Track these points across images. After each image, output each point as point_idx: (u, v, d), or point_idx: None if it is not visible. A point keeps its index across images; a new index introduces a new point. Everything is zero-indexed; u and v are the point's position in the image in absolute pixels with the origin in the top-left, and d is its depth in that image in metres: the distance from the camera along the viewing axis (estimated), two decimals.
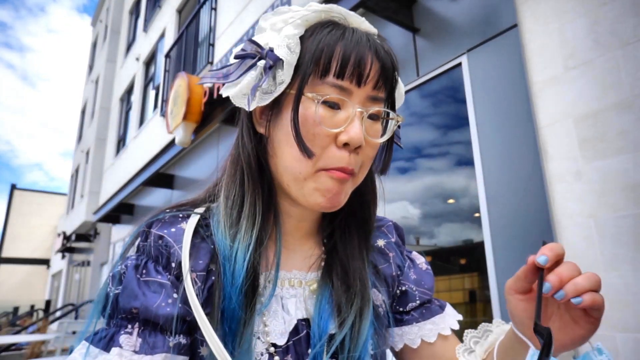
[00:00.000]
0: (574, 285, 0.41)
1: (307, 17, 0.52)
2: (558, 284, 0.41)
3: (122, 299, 0.47)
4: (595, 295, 0.41)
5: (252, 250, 0.50)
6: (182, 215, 0.54)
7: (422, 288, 0.65)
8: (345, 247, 0.59)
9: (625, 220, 1.92)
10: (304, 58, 0.50)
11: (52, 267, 23.88)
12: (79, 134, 18.60)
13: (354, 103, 0.50)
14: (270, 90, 0.51)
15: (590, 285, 0.42)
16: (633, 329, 1.84)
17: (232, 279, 0.48)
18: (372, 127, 0.53)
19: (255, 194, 0.54)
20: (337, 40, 0.50)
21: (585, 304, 0.41)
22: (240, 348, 0.46)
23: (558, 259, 0.43)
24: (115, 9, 14.67)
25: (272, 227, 0.56)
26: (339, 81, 0.49)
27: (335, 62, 0.49)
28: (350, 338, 0.52)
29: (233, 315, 0.47)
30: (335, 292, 0.55)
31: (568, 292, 0.41)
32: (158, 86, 8.66)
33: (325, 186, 0.51)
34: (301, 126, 0.49)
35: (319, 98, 0.49)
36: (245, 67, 0.52)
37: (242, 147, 0.57)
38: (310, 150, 0.49)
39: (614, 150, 2.01)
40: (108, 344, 0.45)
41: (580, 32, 2.21)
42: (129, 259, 0.50)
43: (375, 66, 0.51)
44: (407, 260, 0.68)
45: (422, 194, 3.30)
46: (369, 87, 0.51)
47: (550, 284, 0.42)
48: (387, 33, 3.48)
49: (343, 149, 0.50)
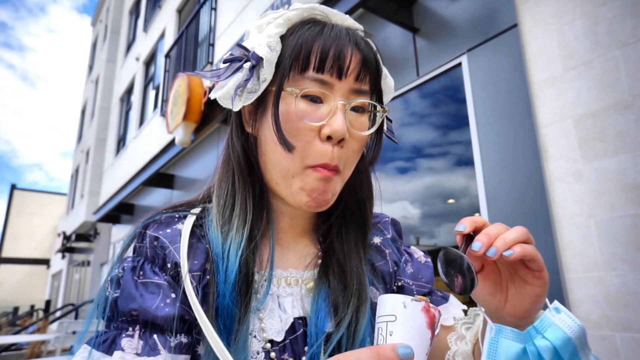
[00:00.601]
0: (502, 240, 0.42)
1: (289, 16, 0.53)
2: (487, 241, 0.42)
3: (121, 301, 0.47)
4: (524, 246, 0.42)
5: (244, 247, 0.51)
6: (178, 216, 0.55)
7: (420, 282, 0.64)
8: (342, 246, 0.59)
9: (624, 220, 1.93)
10: (284, 55, 0.51)
11: (52, 267, 23.88)
12: (79, 134, 18.60)
13: (335, 96, 0.51)
14: (255, 90, 0.52)
15: (517, 236, 0.42)
16: (633, 328, 1.85)
17: (225, 276, 0.49)
18: (357, 120, 0.53)
19: (246, 193, 0.55)
20: (316, 35, 0.51)
21: (517, 255, 0.41)
22: (236, 344, 0.47)
23: (477, 225, 0.45)
24: (115, 9, 14.66)
25: (264, 225, 0.57)
26: (319, 75, 0.50)
27: (314, 57, 0.50)
28: (347, 337, 0.52)
29: (227, 312, 0.47)
30: (332, 291, 0.55)
31: (498, 247, 0.42)
32: (158, 86, 8.66)
33: (311, 186, 0.51)
34: (284, 122, 0.50)
35: (298, 92, 0.49)
36: (232, 69, 0.53)
37: (232, 148, 0.58)
38: (290, 144, 0.50)
39: (613, 150, 2.01)
40: (110, 347, 0.45)
41: (580, 32, 2.21)
42: (125, 261, 0.51)
43: (355, 58, 0.51)
44: (405, 254, 0.68)
45: (422, 193, 3.30)
46: (351, 79, 0.51)
47: (480, 242, 0.42)
48: (387, 33, 3.48)
49: (327, 143, 0.50)
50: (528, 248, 0.42)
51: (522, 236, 0.43)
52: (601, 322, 1.94)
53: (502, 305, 0.47)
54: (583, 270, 2.03)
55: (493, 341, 0.43)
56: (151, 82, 9.77)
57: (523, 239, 0.42)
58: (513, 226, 0.44)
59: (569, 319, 0.42)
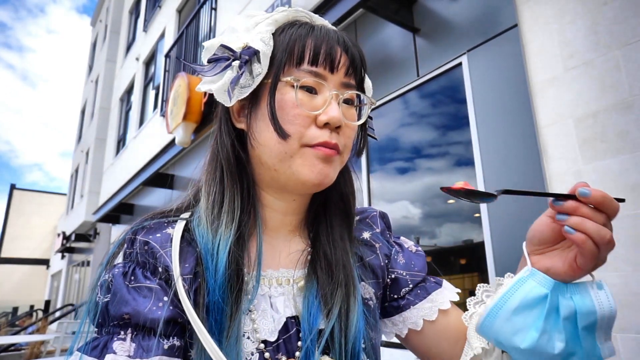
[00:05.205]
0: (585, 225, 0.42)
1: (277, 17, 0.57)
2: (577, 226, 0.43)
3: (112, 306, 0.47)
4: (587, 241, 0.42)
5: (233, 243, 0.52)
6: (167, 221, 0.55)
7: (412, 271, 0.65)
8: (328, 240, 0.60)
9: (625, 221, 1.92)
10: (278, 50, 0.54)
11: (51, 267, 23.88)
12: (78, 134, 18.60)
13: (329, 87, 0.54)
14: (248, 84, 0.54)
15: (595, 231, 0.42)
16: (634, 329, 1.85)
17: (214, 272, 0.49)
18: (348, 111, 0.56)
19: (234, 189, 0.57)
20: (308, 33, 0.55)
21: (576, 240, 0.42)
22: (227, 342, 0.47)
23: (593, 200, 0.43)
24: (115, 9, 14.66)
25: (252, 222, 0.57)
26: (314, 67, 0.54)
27: (309, 52, 0.54)
28: (339, 330, 0.52)
29: (218, 307, 0.48)
30: (321, 286, 0.56)
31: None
32: (158, 86, 8.66)
33: (311, 161, 0.53)
34: (280, 110, 0.53)
35: (297, 81, 0.53)
36: (220, 68, 0.55)
37: (221, 145, 0.59)
38: (285, 131, 0.52)
39: (613, 150, 2.01)
40: (102, 352, 0.45)
41: (580, 32, 2.21)
42: (115, 267, 0.51)
43: (344, 55, 0.56)
44: (395, 246, 0.68)
45: (422, 194, 3.30)
46: (341, 73, 0.55)
47: (571, 229, 0.43)
48: (387, 33, 3.48)
49: (324, 129, 0.53)
50: (588, 246, 0.42)
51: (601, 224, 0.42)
52: None
53: (539, 256, 0.48)
54: None
55: (522, 279, 0.44)
56: (151, 82, 9.76)
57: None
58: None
59: (605, 298, 0.42)
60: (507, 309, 0.44)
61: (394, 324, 0.64)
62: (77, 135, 18.95)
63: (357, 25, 3.78)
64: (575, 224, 0.42)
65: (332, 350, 0.52)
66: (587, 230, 0.42)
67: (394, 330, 0.65)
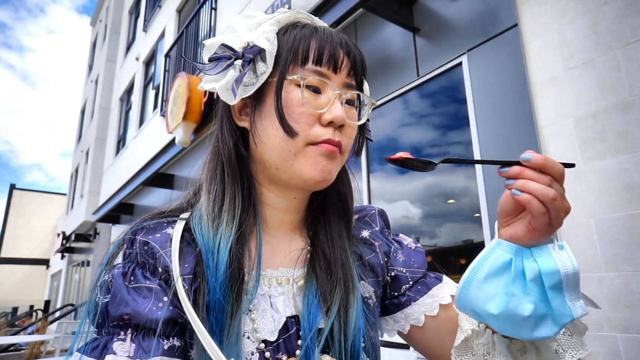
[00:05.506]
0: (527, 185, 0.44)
1: (279, 18, 0.58)
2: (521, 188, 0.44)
3: (112, 306, 0.47)
4: (532, 201, 0.43)
5: (233, 241, 0.52)
6: (166, 222, 0.56)
7: (412, 268, 0.65)
8: (327, 238, 0.60)
9: (625, 221, 1.92)
10: (283, 49, 0.55)
11: (51, 267, 23.88)
12: (78, 134, 18.60)
13: (333, 86, 0.55)
14: (252, 83, 0.55)
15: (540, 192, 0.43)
16: (634, 329, 1.84)
17: (215, 270, 0.49)
18: (349, 111, 0.58)
19: (235, 187, 0.57)
20: (312, 34, 0.56)
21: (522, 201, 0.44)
22: (228, 341, 0.47)
23: (537, 164, 0.44)
24: (115, 9, 14.66)
25: (252, 221, 0.57)
26: (318, 67, 0.55)
27: (313, 52, 0.55)
28: (339, 328, 0.52)
29: (218, 307, 0.48)
30: (320, 284, 0.56)
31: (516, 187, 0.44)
32: (158, 86, 8.66)
33: (314, 159, 0.54)
34: (286, 108, 0.54)
35: (303, 80, 0.54)
36: (222, 67, 0.55)
37: (222, 143, 0.59)
38: (293, 129, 0.53)
39: (613, 150, 2.01)
40: (102, 353, 0.45)
41: (581, 32, 2.21)
42: (115, 268, 0.51)
43: (346, 57, 0.57)
44: (394, 244, 0.68)
45: (422, 194, 3.30)
46: (344, 74, 0.56)
47: (516, 190, 0.45)
48: (387, 33, 3.48)
49: (328, 127, 0.54)
50: (534, 204, 0.43)
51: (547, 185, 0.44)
52: (602, 322, 1.94)
53: (505, 226, 0.49)
54: (583, 271, 2.02)
55: (490, 250, 0.47)
56: (151, 82, 9.76)
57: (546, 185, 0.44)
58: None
59: (567, 257, 0.44)
60: (478, 279, 0.46)
61: (396, 321, 0.64)
62: (77, 135, 18.95)
63: (357, 25, 3.78)
64: (520, 186, 0.44)
65: (332, 348, 0.52)
66: (531, 191, 0.43)
67: (396, 328, 0.65)
